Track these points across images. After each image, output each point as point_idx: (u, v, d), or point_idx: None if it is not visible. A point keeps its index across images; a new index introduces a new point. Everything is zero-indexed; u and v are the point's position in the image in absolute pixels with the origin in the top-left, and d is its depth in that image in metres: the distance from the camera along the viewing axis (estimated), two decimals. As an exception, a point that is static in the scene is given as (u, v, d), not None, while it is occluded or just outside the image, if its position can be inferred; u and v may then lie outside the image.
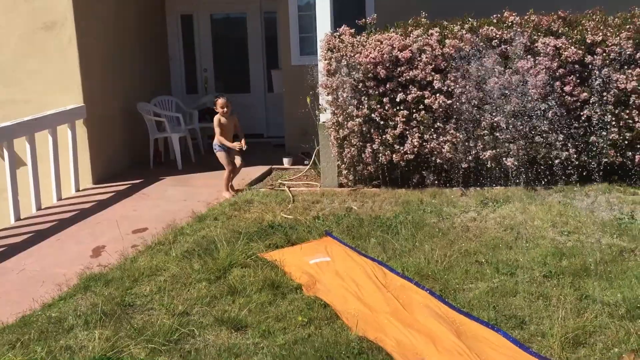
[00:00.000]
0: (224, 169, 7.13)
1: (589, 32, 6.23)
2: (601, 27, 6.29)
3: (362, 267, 4.63)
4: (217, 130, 6.98)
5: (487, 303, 3.95)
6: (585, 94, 6.20)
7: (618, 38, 6.19)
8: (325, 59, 6.78)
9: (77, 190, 7.64)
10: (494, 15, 6.51)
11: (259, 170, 8.10)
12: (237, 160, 7.12)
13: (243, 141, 6.96)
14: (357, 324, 3.71)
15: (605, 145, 6.30)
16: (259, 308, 4.09)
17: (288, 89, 8.89)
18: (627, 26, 6.24)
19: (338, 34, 6.85)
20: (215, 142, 7.04)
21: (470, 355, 3.35)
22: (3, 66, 7.71)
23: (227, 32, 10.83)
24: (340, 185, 7.10)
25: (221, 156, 7.04)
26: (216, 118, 7.01)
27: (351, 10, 8.55)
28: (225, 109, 6.91)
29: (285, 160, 8.38)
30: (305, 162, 8.07)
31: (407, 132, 6.53)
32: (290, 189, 7.10)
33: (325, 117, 7.04)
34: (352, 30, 6.82)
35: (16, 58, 7.69)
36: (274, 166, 8.33)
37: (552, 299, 3.92)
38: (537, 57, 6.17)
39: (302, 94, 7.85)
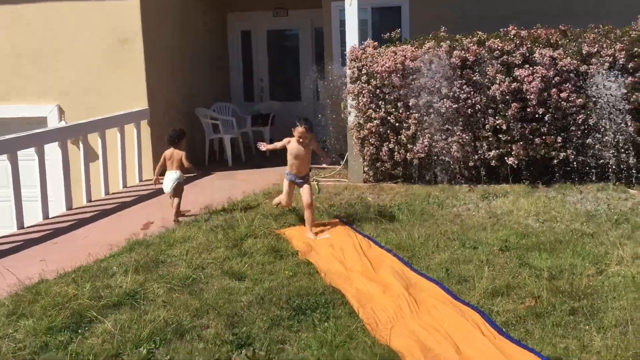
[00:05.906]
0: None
1: (586, 44, 6.82)
2: (600, 39, 6.86)
3: (352, 240, 5.50)
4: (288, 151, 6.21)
5: (442, 267, 4.74)
6: (580, 100, 6.78)
7: (612, 50, 6.74)
8: (350, 68, 7.70)
9: (141, 180, 8.91)
10: (501, 30, 7.21)
11: (299, 168, 9.09)
12: (305, 195, 6.03)
13: (265, 145, 6.42)
14: (326, 275, 4.62)
15: (600, 147, 6.84)
16: (259, 266, 5.06)
17: (330, 97, 9.83)
18: (623, 38, 6.78)
19: (363, 46, 7.75)
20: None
21: (408, 298, 4.17)
22: (89, 77, 9.06)
23: (281, 46, 11.99)
24: (365, 182, 7.97)
25: (284, 184, 6.37)
26: (288, 139, 6.24)
27: (390, 24, 9.43)
28: (301, 139, 6.06)
29: (323, 160, 9.29)
30: (340, 162, 8.98)
31: (419, 133, 7.32)
32: (319, 183, 8.03)
33: (350, 119, 7.94)
34: (376, 43, 7.72)
35: (97, 70, 9.04)
36: (312, 165, 9.26)
37: (497, 266, 4.65)
38: (534, 67, 6.82)
39: (341, 101, 8.77)
